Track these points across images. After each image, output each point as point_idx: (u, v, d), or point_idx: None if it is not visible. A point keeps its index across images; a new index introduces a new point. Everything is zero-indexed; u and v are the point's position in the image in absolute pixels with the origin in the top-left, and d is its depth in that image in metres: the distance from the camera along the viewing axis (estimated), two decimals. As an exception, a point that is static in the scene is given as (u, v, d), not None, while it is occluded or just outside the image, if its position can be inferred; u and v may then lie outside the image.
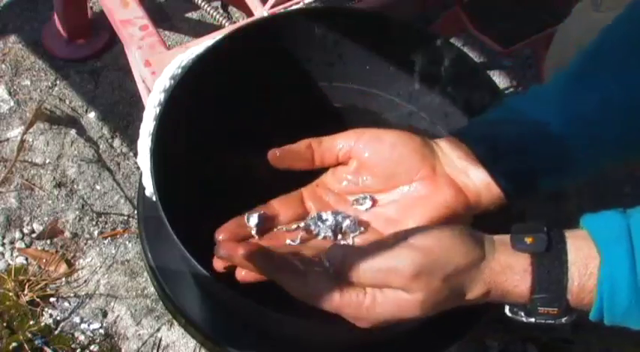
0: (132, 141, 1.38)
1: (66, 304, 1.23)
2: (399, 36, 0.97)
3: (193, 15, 1.53)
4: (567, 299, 0.63)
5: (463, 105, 0.98)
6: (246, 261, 0.66)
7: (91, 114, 1.41)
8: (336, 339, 0.91)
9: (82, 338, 1.20)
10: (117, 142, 1.39)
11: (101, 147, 1.38)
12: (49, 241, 1.28)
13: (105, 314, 1.22)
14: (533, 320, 0.66)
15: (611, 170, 1.37)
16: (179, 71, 0.93)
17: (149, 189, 0.89)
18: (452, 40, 1.26)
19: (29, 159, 1.35)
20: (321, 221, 0.76)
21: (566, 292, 0.63)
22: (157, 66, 1.01)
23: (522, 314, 0.66)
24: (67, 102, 1.42)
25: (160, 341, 1.20)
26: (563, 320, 0.65)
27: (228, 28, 1.03)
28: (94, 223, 1.30)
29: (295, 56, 1.01)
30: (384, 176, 0.76)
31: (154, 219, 0.95)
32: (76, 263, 1.27)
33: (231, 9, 1.43)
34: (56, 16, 1.44)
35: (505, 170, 0.73)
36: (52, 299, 1.23)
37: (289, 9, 1.03)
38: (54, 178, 1.33)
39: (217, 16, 1.14)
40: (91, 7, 1.48)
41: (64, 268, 1.25)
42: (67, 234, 1.29)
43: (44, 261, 1.25)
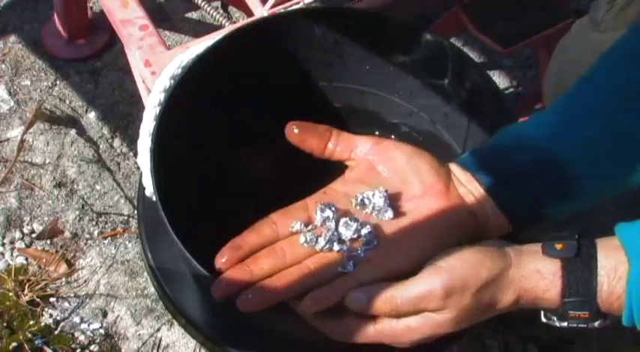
0: (132, 141, 1.38)
1: (66, 304, 1.23)
2: (399, 36, 0.97)
3: (193, 15, 1.53)
4: (597, 303, 0.63)
5: (463, 105, 0.98)
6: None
7: (91, 114, 1.41)
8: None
9: (82, 338, 1.20)
10: (117, 142, 1.39)
11: (101, 147, 1.38)
12: (49, 241, 1.28)
13: (105, 314, 1.22)
14: (566, 324, 0.66)
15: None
16: (179, 71, 0.93)
17: (149, 189, 0.89)
18: (452, 40, 1.26)
19: (29, 159, 1.35)
20: (346, 225, 0.72)
21: (596, 296, 0.63)
22: (157, 66, 1.01)
23: (555, 319, 0.66)
24: (67, 102, 1.42)
25: (160, 341, 1.20)
26: (596, 324, 0.65)
27: (228, 28, 1.03)
28: (94, 223, 1.30)
29: (295, 56, 1.01)
30: (398, 185, 0.74)
31: (153, 219, 0.95)
32: (76, 263, 1.27)
33: (231, 9, 1.43)
34: (56, 16, 1.44)
35: (510, 197, 0.73)
36: (52, 299, 1.23)
37: (289, 9, 1.03)
38: (54, 178, 1.33)
39: (217, 16, 1.14)
40: (91, 7, 1.48)
41: (64, 268, 1.25)
42: (67, 234, 1.29)
43: (44, 261, 1.25)
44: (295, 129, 0.77)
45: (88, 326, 1.21)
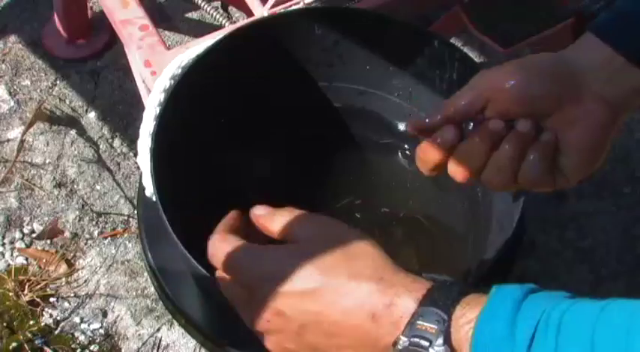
0: (132, 141, 1.38)
1: (66, 304, 1.23)
2: (399, 36, 0.97)
3: (193, 15, 1.53)
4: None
5: (463, 105, 0.98)
6: None
7: (91, 114, 1.41)
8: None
9: (82, 338, 1.20)
10: (117, 142, 1.39)
11: (101, 147, 1.38)
12: (49, 241, 1.28)
13: (105, 314, 1.22)
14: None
15: (611, 170, 1.37)
16: (179, 71, 0.93)
17: (149, 189, 0.89)
18: (452, 40, 1.26)
19: (29, 159, 1.35)
20: None
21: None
22: (157, 66, 1.01)
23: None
24: (67, 102, 1.42)
25: (160, 341, 1.20)
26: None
27: (228, 28, 1.03)
28: (94, 223, 1.30)
29: (295, 56, 1.01)
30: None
31: (154, 219, 0.95)
32: (76, 263, 1.27)
33: (231, 9, 1.43)
34: (56, 16, 1.44)
35: None
36: (52, 299, 1.23)
37: (289, 9, 1.03)
38: (54, 178, 1.33)
39: (217, 16, 1.14)
40: (91, 7, 1.48)
41: (64, 268, 1.25)
42: (67, 234, 1.29)
43: (44, 261, 1.25)
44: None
45: (88, 326, 1.21)
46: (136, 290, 1.24)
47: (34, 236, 1.28)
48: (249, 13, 1.10)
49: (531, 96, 0.68)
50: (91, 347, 1.19)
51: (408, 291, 0.57)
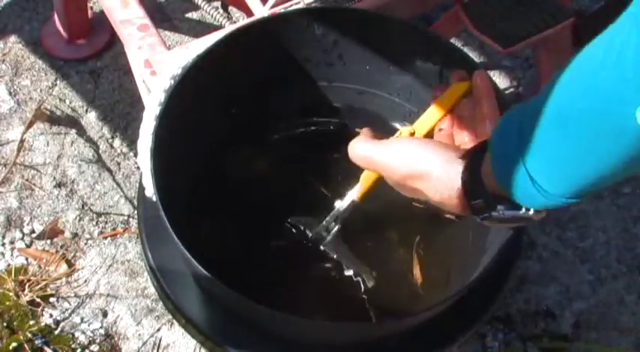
0: (132, 141, 1.38)
1: (66, 304, 1.23)
2: (399, 36, 0.97)
3: (193, 15, 1.53)
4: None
5: (463, 105, 0.98)
6: None
7: (91, 114, 1.41)
8: (336, 339, 0.91)
9: (82, 338, 1.20)
10: (117, 142, 1.39)
11: (101, 147, 1.38)
12: (49, 241, 1.28)
13: (105, 314, 1.22)
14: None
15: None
16: (179, 71, 0.93)
17: (149, 189, 0.89)
18: (452, 40, 1.26)
19: (29, 159, 1.35)
20: None
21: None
22: (157, 66, 1.01)
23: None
24: (67, 102, 1.42)
25: (160, 341, 1.20)
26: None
27: (228, 28, 1.03)
28: (94, 223, 1.30)
29: (295, 56, 1.01)
30: None
31: (153, 219, 0.95)
32: (76, 263, 1.27)
33: (231, 9, 1.43)
34: (56, 16, 1.44)
35: None
36: (52, 299, 1.23)
37: (289, 9, 1.03)
38: (54, 178, 1.33)
39: (217, 16, 1.14)
40: (91, 7, 1.48)
41: (64, 268, 1.25)
42: (67, 234, 1.29)
43: (44, 260, 1.25)
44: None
45: (88, 326, 1.21)
46: (136, 290, 1.24)
47: (34, 236, 1.28)
48: (250, 13, 1.10)
49: None
50: (91, 347, 1.19)
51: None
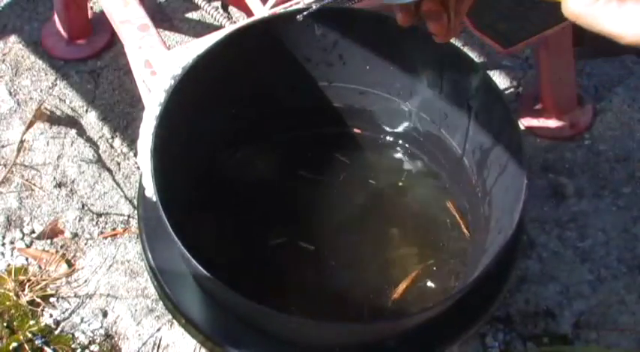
0: (132, 141, 1.38)
1: (66, 304, 1.23)
2: (399, 36, 0.97)
3: (193, 15, 1.53)
4: None
5: (463, 105, 0.98)
6: None
7: (91, 114, 1.41)
8: (336, 339, 0.91)
9: (82, 338, 1.20)
10: (117, 142, 1.39)
11: (101, 147, 1.38)
12: (49, 241, 1.28)
13: (105, 314, 1.22)
14: None
15: (611, 170, 1.37)
16: (179, 71, 0.93)
17: (149, 189, 0.89)
18: (452, 40, 1.26)
19: (29, 159, 1.35)
20: None
21: None
22: (157, 66, 1.01)
23: None
24: (67, 102, 1.42)
25: (160, 341, 1.20)
26: None
27: (228, 28, 1.03)
28: (94, 223, 1.30)
29: (295, 56, 1.01)
30: None
31: (153, 219, 0.95)
32: (76, 263, 1.27)
33: (231, 9, 1.43)
34: (56, 16, 1.44)
35: None
36: (52, 299, 1.23)
37: (289, 9, 1.03)
38: (54, 178, 1.33)
39: (217, 16, 1.14)
40: (91, 7, 1.48)
41: (64, 268, 1.25)
42: (67, 234, 1.29)
43: (44, 260, 1.25)
44: None
45: (88, 326, 1.21)
46: (136, 290, 1.24)
47: (34, 236, 1.28)
48: (250, 13, 1.10)
49: None
50: (91, 347, 1.19)
51: None
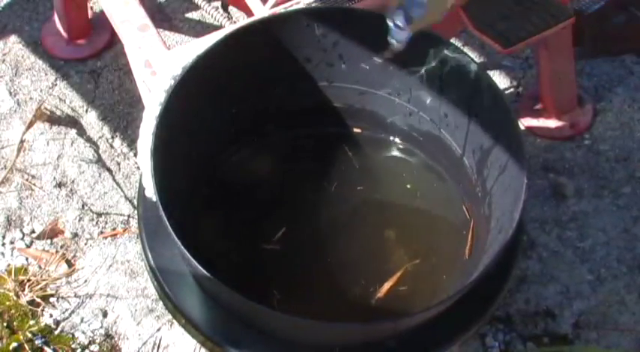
0: (132, 141, 1.38)
1: (66, 304, 1.23)
2: (399, 36, 0.97)
3: (193, 15, 1.53)
4: None
5: (463, 105, 0.98)
6: None
7: (91, 114, 1.41)
8: (336, 339, 0.91)
9: (82, 338, 1.20)
10: (117, 142, 1.39)
11: (101, 147, 1.38)
12: (49, 241, 1.28)
13: (105, 314, 1.22)
14: None
15: (611, 170, 1.37)
16: (179, 71, 0.93)
17: (149, 189, 0.90)
18: (452, 40, 1.26)
19: (29, 159, 1.35)
20: None
21: None
22: (156, 66, 1.01)
23: None
24: (67, 102, 1.42)
25: (160, 341, 1.20)
26: None
27: (228, 28, 1.03)
28: (94, 223, 1.30)
29: (295, 56, 1.01)
30: None
31: (154, 219, 0.95)
32: (76, 263, 1.27)
33: (231, 9, 1.43)
34: (56, 16, 1.44)
35: None
36: (52, 299, 1.23)
37: (289, 9, 1.03)
38: (54, 178, 1.33)
39: (217, 16, 1.15)
40: (91, 7, 1.48)
41: (64, 268, 1.25)
42: (67, 234, 1.29)
43: (44, 261, 1.25)
44: None
45: (88, 326, 1.21)
46: (136, 290, 1.24)
47: (34, 236, 1.28)
48: (250, 13, 1.10)
49: None
50: (91, 347, 1.19)
51: None
